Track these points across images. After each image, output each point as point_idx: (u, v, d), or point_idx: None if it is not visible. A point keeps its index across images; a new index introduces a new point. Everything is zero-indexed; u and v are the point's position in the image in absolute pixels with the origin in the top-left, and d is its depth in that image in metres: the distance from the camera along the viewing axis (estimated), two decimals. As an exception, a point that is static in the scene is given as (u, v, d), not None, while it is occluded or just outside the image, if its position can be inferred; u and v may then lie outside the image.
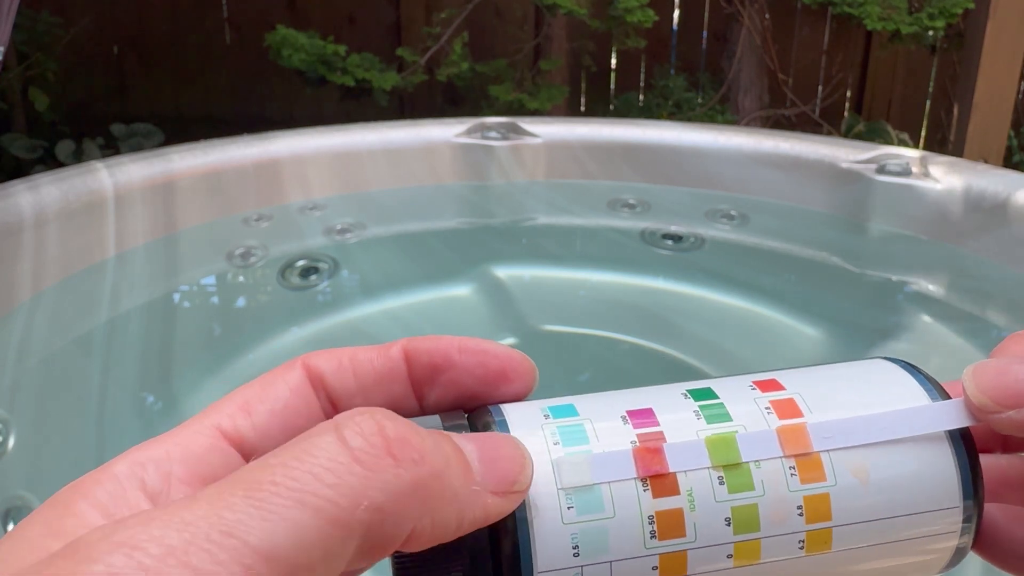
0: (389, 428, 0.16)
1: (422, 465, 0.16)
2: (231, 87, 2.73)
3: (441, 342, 0.21)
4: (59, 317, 0.93)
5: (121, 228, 1.03)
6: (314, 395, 0.20)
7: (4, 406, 0.78)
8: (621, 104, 2.63)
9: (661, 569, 0.19)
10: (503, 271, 1.09)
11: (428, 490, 0.16)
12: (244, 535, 0.14)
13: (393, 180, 1.24)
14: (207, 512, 0.14)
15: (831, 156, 1.19)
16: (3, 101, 2.32)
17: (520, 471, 0.18)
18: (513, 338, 0.96)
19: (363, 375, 0.21)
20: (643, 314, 1.03)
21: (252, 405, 0.20)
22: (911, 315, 1.02)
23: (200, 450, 0.19)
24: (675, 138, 1.27)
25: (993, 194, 1.05)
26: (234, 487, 0.15)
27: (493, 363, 0.21)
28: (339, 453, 0.16)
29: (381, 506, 0.15)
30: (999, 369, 0.20)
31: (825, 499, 0.19)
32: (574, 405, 0.20)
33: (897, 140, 2.31)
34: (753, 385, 0.21)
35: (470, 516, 0.17)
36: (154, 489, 0.18)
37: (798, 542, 0.19)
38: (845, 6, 2.21)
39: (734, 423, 0.20)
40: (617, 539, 0.18)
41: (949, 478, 0.20)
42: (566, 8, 2.16)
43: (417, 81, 2.31)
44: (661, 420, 0.20)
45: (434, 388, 0.21)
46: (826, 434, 0.20)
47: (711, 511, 0.19)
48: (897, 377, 0.21)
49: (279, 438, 0.19)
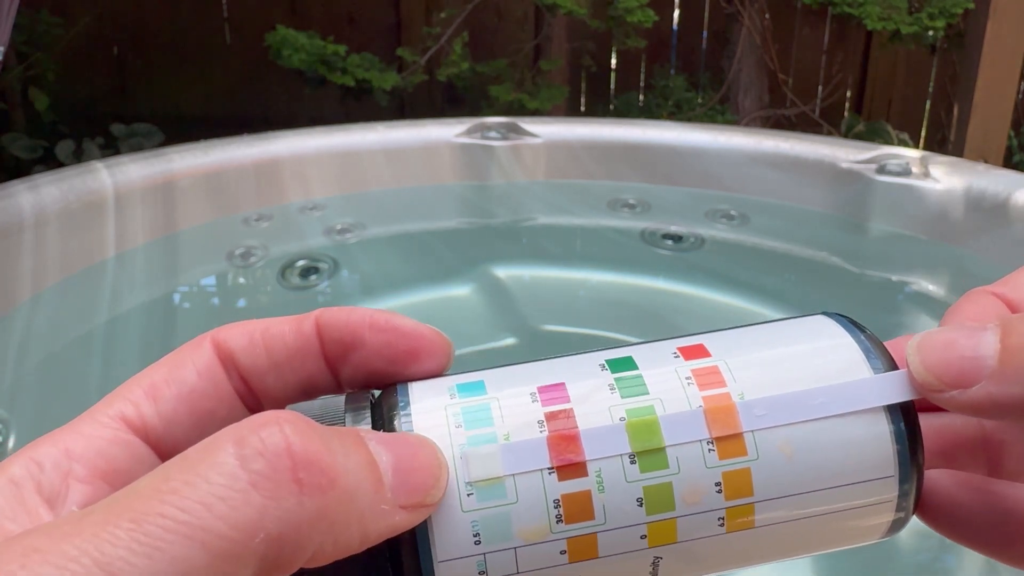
0: (297, 445, 0.15)
1: (329, 491, 0.15)
2: (231, 87, 2.73)
3: (353, 317, 0.20)
4: (59, 317, 0.93)
5: (121, 228, 1.03)
6: (224, 375, 0.20)
7: (4, 406, 0.78)
8: (621, 104, 2.63)
9: (570, 553, 0.18)
10: (503, 271, 1.09)
11: (333, 516, 0.15)
12: (126, 575, 0.13)
13: (393, 180, 1.24)
14: (89, 547, 0.13)
15: (831, 156, 1.19)
16: (3, 101, 2.32)
17: (434, 484, 0.17)
18: (513, 338, 0.96)
19: (275, 352, 0.20)
20: (643, 314, 1.03)
21: (159, 389, 0.19)
22: (911, 315, 1.02)
23: (102, 443, 0.18)
24: (675, 138, 1.27)
25: (993, 194, 1.05)
26: (119, 516, 0.14)
27: (402, 343, 0.20)
28: (236, 478, 0.14)
29: (280, 536, 0.14)
30: (945, 343, 0.18)
31: (746, 474, 0.18)
32: (483, 381, 0.19)
33: (897, 140, 2.31)
34: (677, 352, 0.20)
35: (375, 533, 0.16)
36: (52, 491, 0.17)
37: (718, 519, 0.18)
38: (845, 6, 2.21)
39: (651, 396, 0.19)
40: (520, 524, 0.18)
41: (883, 446, 0.19)
42: (566, 8, 2.16)
43: (417, 81, 2.31)
44: (572, 395, 0.19)
45: (347, 365, 0.20)
46: (758, 412, 0.18)
47: (621, 492, 0.18)
48: (836, 341, 0.20)
49: (187, 424, 0.19)
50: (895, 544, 0.69)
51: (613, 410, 0.18)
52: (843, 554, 0.69)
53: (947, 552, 0.68)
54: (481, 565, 0.18)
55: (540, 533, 0.18)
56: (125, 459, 0.18)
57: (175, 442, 0.19)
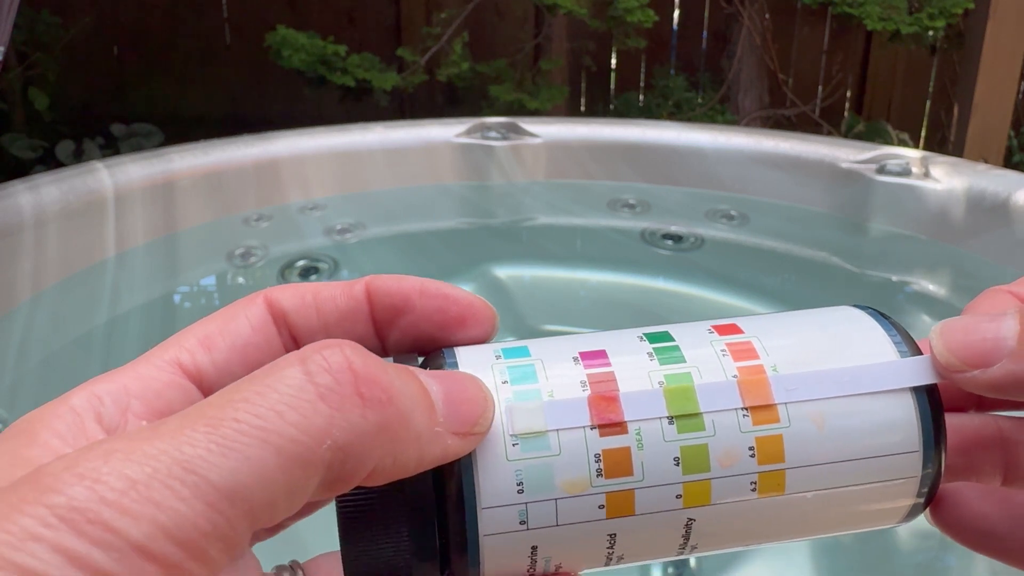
0: (358, 364, 0.16)
1: (389, 406, 0.16)
2: (231, 87, 2.73)
3: (404, 283, 0.20)
4: (59, 317, 0.93)
5: (121, 228, 1.03)
6: (276, 331, 0.20)
7: (4, 406, 0.78)
8: (621, 104, 2.63)
9: (608, 508, 0.18)
10: (503, 271, 1.09)
11: (393, 431, 0.16)
12: (206, 472, 0.14)
13: (393, 180, 1.24)
14: (168, 446, 0.14)
15: (831, 156, 1.19)
16: (3, 101, 2.32)
17: (481, 413, 0.18)
18: (513, 338, 0.96)
19: (326, 313, 0.20)
20: (643, 314, 1.03)
21: (213, 340, 0.19)
22: (911, 315, 1.02)
23: (158, 385, 0.18)
24: (675, 138, 1.27)
25: (993, 194, 1.05)
26: (196, 422, 0.14)
27: (453, 308, 0.21)
28: (304, 389, 0.15)
29: (345, 445, 0.15)
30: (967, 327, 0.20)
31: (778, 440, 0.19)
32: (527, 347, 0.20)
33: (897, 140, 2.31)
34: (711, 329, 0.20)
35: (430, 456, 0.17)
36: (111, 423, 0.17)
37: (750, 483, 0.19)
38: (845, 6, 2.21)
39: (688, 364, 0.19)
40: (562, 476, 0.18)
41: (909, 424, 0.19)
42: (566, 8, 2.16)
43: (417, 81, 2.30)
44: (613, 361, 0.19)
45: (395, 329, 0.21)
46: (789, 386, 0.19)
47: (659, 450, 0.18)
48: (864, 326, 0.21)
49: (239, 374, 0.19)
50: (895, 544, 0.69)
51: (652, 375, 0.19)
52: (844, 553, 0.69)
53: (947, 552, 0.68)
54: (523, 514, 0.18)
55: (581, 485, 0.18)
56: (181, 401, 0.19)
57: None
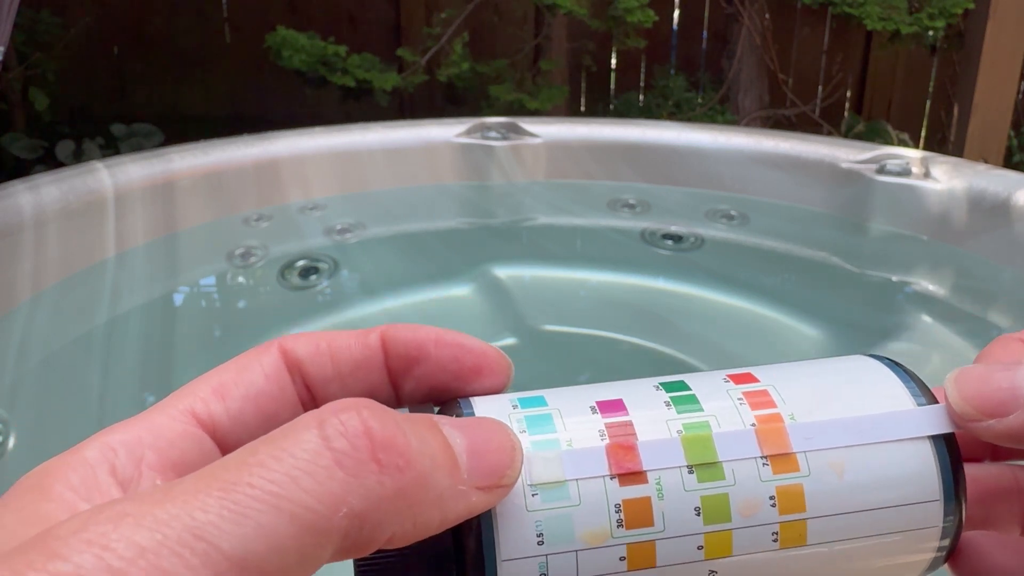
0: (376, 428, 0.16)
1: (407, 471, 0.16)
2: (231, 87, 2.73)
3: (419, 333, 0.20)
4: (59, 317, 0.93)
5: (121, 228, 1.03)
6: (290, 380, 0.20)
7: (4, 406, 0.78)
8: (621, 104, 2.63)
9: (629, 560, 0.18)
10: (503, 271, 1.09)
11: (411, 496, 0.16)
12: (217, 540, 0.14)
13: (393, 180, 1.24)
14: (180, 512, 0.14)
15: (831, 156, 1.18)
16: (3, 101, 2.32)
17: (509, 464, 0.17)
18: (513, 338, 0.96)
19: (341, 362, 0.20)
20: (643, 314, 1.03)
21: (227, 389, 0.19)
22: (911, 315, 1.02)
23: (172, 435, 0.18)
24: (675, 138, 1.27)
25: (993, 194, 1.05)
26: (209, 485, 0.14)
27: (468, 358, 0.20)
28: (320, 455, 0.15)
29: (361, 513, 0.15)
30: (981, 376, 0.20)
31: (799, 490, 0.19)
32: (543, 396, 0.20)
33: (897, 140, 2.31)
34: (727, 378, 0.20)
35: (453, 514, 0.17)
36: (125, 475, 0.17)
37: (772, 534, 0.18)
38: (845, 6, 2.21)
39: (705, 413, 0.19)
40: (583, 527, 0.18)
41: (929, 473, 0.19)
42: (566, 8, 2.16)
43: (417, 81, 2.30)
44: (631, 410, 0.19)
45: (409, 378, 0.21)
46: (807, 435, 0.19)
47: (680, 500, 0.18)
48: (879, 376, 0.21)
49: (253, 424, 0.19)
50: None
51: (670, 424, 0.19)
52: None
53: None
54: (543, 567, 0.18)
55: (601, 536, 0.18)
56: (194, 452, 0.18)
57: (240, 441, 0.19)
